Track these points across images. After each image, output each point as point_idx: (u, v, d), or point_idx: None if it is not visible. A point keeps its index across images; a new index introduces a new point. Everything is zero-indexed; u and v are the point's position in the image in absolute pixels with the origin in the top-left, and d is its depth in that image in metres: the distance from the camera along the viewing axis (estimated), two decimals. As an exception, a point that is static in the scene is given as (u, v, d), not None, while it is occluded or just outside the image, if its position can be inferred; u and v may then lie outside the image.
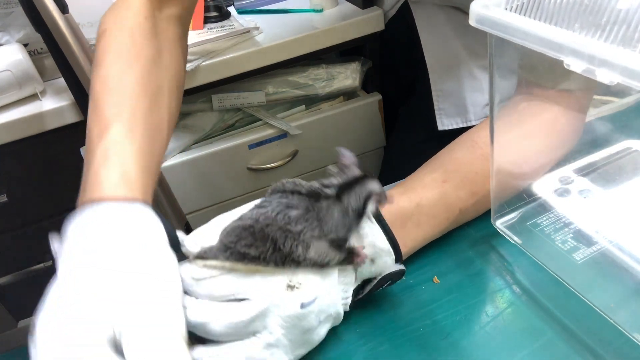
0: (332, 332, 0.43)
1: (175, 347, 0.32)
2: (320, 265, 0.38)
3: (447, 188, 0.49)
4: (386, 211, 0.45)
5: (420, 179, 0.51)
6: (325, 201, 0.38)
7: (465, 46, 0.82)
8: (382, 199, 0.40)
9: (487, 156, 0.49)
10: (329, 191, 0.39)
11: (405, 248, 0.46)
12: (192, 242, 0.39)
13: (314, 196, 0.38)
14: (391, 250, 0.43)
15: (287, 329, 0.37)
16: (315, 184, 0.40)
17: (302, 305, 0.37)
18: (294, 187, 0.39)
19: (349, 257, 0.40)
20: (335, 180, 0.40)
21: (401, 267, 0.44)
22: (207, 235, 0.40)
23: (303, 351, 0.40)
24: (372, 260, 0.42)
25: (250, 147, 1.08)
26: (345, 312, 0.42)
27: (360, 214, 0.39)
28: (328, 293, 0.39)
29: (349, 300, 0.42)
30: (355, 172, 0.41)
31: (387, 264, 0.43)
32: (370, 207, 0.39)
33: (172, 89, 0.52)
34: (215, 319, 0.36)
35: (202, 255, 0.38)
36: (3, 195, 0.97)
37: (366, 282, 0.44)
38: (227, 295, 0.37)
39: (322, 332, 0.40)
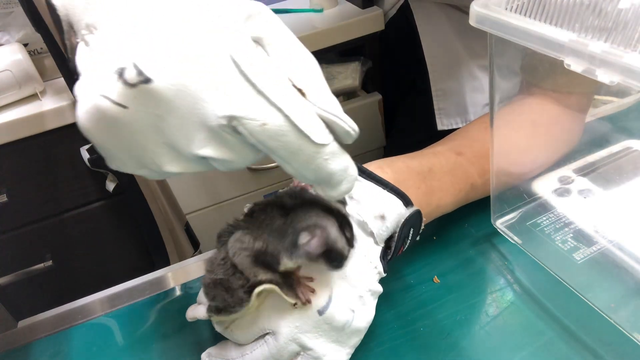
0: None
1: None
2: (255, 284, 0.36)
3: (460, 160, 0.49)
4: (395, 170, 0.45)
5: (433, 148, 0.51)
6: (270, 211, 0.34)
7: (466, 46, 0.82)
8: (315, 237, 0.32)
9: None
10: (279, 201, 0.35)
11: (422, 211, 0.44)
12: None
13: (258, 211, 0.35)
14: (392, 196, 0.42)
15: (323, 336, 0.37)
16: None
17: (321, 312, 0.37)
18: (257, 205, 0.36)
19: (289, 284, 0.36)
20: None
21: (414, 209, 0.43)
22: None
23: (356, 339, 0.39)
24: (382, 217, 0.41)
25: (250, 147, 1.08)
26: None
27: (294, 244, 0.33)
28: (342, 284, 0.38)
29: (381, 268, 0.41)
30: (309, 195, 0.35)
31: (400, 212, 0.42)
32: (302, 239, 0.33)
33: None
34: None
35: (210, 312, 0.38)
36: (3, 195, 0.97)
37: (390, 241, 0.43)
38: (250, 339, 0.38)
39: (367, 314, 0.39)
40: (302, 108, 0.28)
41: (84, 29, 0.28)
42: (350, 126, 0.30)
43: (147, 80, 0.25)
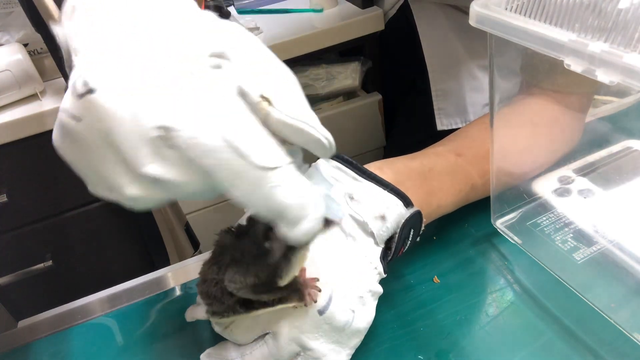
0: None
1: None
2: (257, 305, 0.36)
3: (460, 161, 0.49)
4: (395, 171, 0.45)
5: (433, 149, 0.51)
6: (244, 240, 0.34)
7: (465, 46, 0.82)
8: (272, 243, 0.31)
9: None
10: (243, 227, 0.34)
11: (423, 211, 0.44)
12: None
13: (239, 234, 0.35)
14: (393, 197, 0.42)
15: (323, 337, 0.37)
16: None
17: (321, 312, 0.36)
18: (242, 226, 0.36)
19: (295, 289, 0.35)
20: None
21: (414, 209, 0.42)
22: None
23: (356, 340, 0.39)
24: (383, 218, 0.41)
25: (250, 147, 1.08)
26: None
27: (264, 252, 0.32)
28: (342, 284, 0.38)
29: (381, 269, 0.41)
30: None
31: (400, 213, 0.42)
32: (269, 245, 0.31)
33: None
34: None
35: (208, 314, 0.39)
36: (3, 195, 0.97)
37: (391, 242, 0.42)
38: (250, 339, 0.38)
39: (367, 314, 0.39)
40: (243, 122, 0.25)
41: (74, 55, 0.28)
42: (322, 134, 0.26)
43: (91, 91, 0.24)
